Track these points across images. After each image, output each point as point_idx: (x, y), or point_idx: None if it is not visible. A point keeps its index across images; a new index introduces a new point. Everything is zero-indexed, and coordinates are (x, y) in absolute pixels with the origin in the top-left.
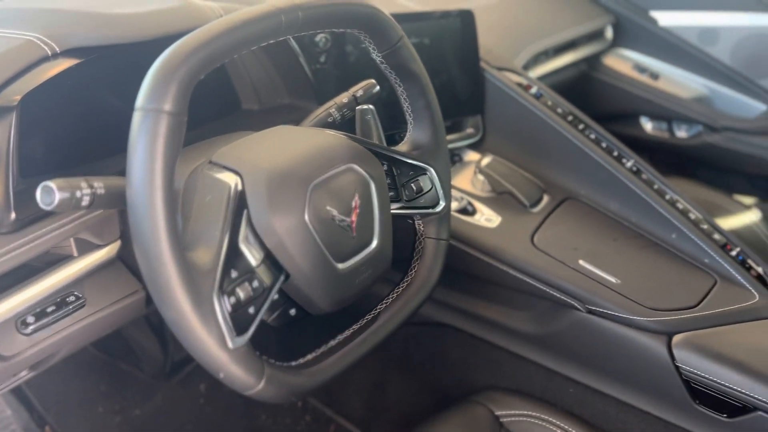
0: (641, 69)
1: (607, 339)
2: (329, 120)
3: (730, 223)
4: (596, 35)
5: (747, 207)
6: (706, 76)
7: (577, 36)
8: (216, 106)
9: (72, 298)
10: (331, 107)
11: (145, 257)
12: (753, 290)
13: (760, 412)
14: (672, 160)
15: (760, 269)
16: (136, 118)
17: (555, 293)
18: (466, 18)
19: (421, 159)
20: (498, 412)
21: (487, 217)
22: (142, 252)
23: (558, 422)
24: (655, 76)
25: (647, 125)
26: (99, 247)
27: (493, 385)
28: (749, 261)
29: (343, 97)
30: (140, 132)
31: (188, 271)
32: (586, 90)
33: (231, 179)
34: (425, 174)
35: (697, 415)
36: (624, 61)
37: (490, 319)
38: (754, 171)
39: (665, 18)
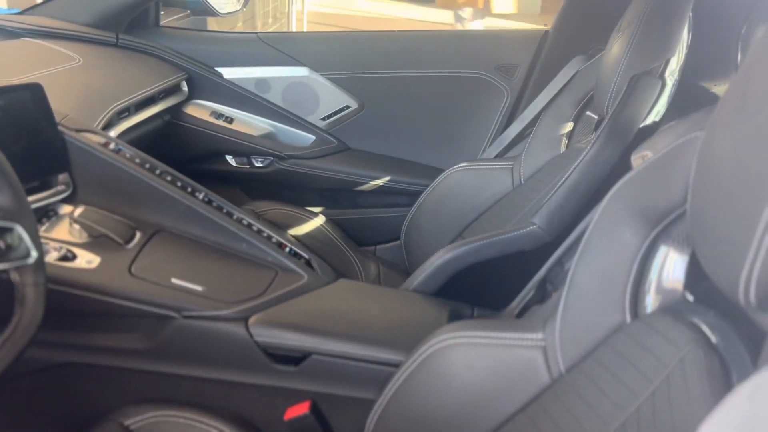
0: (218, 115)
1: (203, 335)
2: None
3: (304, 228)
4: (174, 90)
5: (316, 214)
6: (269, 117)
7: (155, 92)
8: None
9: None
10: None
11: None
12: (302, 272)
13: (313, 356)
14: (257, 186)
15: (306, 256)
16: None
17: (155, 310)
18: (35, 90)
19: (6, 219)
20: (127, 422)
21: (87, 260)
22: None
23: (178, 413)
24: (230, 120)
25: (232, 161)
26: None
27: (124, 402)
28: (299, 252)
29: None
30: None
31: None
32: (176, 136)
33: None
34: (12, 231)
35: (277, 372)
36: (202, 110)
37: (108, 347)
38: (317, 186)
39: (228, 72)
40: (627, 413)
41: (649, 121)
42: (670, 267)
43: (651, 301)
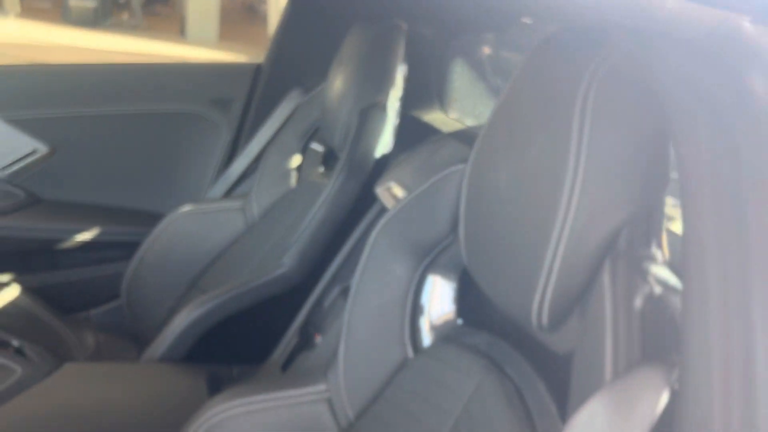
0: None
1: None
2: None
3: None
4: None
5: (6, 284)
6: None
7: None
8: None
9: None
10: None
11: None
12: (13, 365)
13: None
14: None
15: (15, 343)
16: None
17: None
18: None
19: None
20: None
21: None
22: None
23: None
24: None
25: None
26: None
27: None
28: (4, 339)
29: None
30: None
31: None
32: None
33: None
34: None
35: None
36: None
37: None
38: (1, 250)
39: None
40: None
41: (381, 153)
42: (442, 295)
43: (428, 331)
